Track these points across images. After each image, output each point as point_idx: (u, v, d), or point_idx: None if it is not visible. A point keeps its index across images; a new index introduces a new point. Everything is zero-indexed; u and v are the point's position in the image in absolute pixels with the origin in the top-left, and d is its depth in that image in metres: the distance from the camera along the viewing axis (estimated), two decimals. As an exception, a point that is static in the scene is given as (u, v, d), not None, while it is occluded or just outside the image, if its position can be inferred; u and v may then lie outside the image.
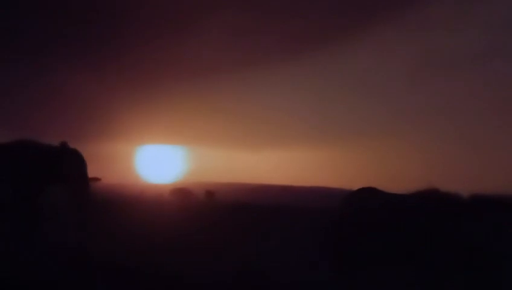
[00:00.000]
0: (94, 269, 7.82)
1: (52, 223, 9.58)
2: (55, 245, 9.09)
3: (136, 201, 13.85)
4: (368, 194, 8.81)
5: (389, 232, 8.15)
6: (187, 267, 7.85)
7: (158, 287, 6.86)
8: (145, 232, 9.77)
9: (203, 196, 24.85)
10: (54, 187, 10.11)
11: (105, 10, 39.69)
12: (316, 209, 20.43)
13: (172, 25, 43.27)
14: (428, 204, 8.21)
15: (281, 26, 45.09)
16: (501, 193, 7.88)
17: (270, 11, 44.94)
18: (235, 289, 6.87)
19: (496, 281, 7.23)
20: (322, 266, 8.46)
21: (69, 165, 10.16)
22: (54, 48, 39.21)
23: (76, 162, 10.40)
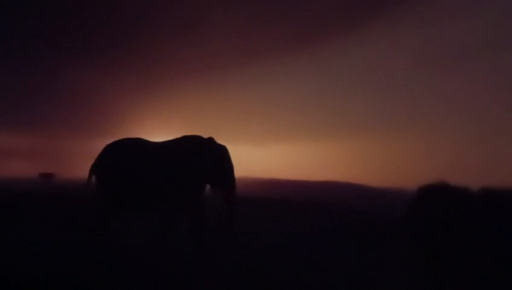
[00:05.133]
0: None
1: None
2: None
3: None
4: (442, 190, 8.14)
5: (470, 231, 7.59)
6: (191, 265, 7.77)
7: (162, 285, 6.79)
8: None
9: (210, 191, 24.76)
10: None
11: (113, 10, 39.68)
12: (322, 204, 20.48)
13: (176, 24, 43.19)
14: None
15: (285, 21, 44.89)
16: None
17: (273, 6, 44.75)
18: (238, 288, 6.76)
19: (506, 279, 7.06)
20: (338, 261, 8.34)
21: (227, 166, 9.32)
22: (62, 47, 39.27)
23: (230, 161, 9.44)
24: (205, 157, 9.14)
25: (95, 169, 8.95)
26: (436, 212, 8.00)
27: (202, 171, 9.12)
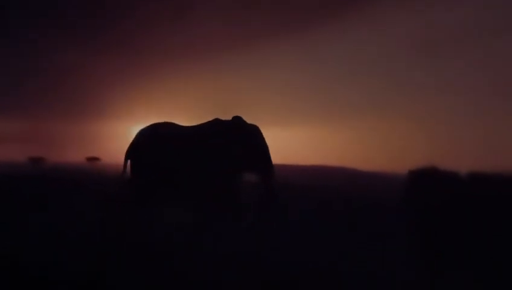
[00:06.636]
0: None
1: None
2: None
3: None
4: (431, 174, 7.91)
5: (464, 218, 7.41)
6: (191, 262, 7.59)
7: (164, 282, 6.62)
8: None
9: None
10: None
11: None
12: (317, 187, 20.57)
13: (165, 8, 42.74)
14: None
15: (278, 4, 44.53)
16: (501, 171, 7.82)
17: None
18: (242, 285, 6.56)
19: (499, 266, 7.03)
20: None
21: (260, 148, 8.71)
22: (51, 30, 38.84)
23: (264, 143, 8.76)
24: (239, 140, 8.79)
25: (131, 154, 8.84)
26: (426, 196, 8.00)
27: (235, 155, 8.78)
